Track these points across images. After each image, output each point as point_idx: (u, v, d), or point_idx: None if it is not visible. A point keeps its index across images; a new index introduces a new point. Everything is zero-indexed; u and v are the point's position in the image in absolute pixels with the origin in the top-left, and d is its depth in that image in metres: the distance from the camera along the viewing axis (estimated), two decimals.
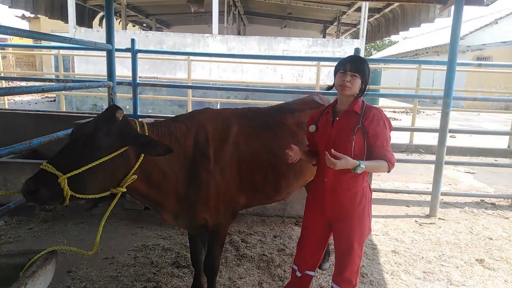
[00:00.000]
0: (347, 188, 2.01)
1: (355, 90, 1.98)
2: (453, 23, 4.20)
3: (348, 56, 2.05)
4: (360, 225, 2.03)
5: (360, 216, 2.03)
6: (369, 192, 2.09)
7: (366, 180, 2.07)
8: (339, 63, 2.02)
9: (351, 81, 1.95)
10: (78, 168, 1.71)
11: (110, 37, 3.97)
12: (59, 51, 8.91)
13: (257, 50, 10.88)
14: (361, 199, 2.02)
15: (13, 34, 2.54)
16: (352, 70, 1.95)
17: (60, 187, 1.67)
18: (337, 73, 2.01)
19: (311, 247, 2.18)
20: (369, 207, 2.08)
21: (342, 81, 1.96)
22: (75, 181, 1.71)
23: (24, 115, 5.21)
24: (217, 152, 2.24)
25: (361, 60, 2.01)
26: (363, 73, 1.96)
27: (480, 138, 9.09)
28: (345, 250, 2.05)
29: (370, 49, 42.52)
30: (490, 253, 3.48)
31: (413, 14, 9.84)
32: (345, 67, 1.97)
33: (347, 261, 2.05)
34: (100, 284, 2.74)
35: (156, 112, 10.38)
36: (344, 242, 2.05)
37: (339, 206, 2.03)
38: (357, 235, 2.03)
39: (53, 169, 1.68)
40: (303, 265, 2.21)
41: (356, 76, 1.95)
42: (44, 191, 1.65)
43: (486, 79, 16.68)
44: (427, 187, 5.33)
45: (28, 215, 3.86)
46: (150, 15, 16.37)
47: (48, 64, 20.89)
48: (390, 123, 2.02)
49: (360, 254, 2.07)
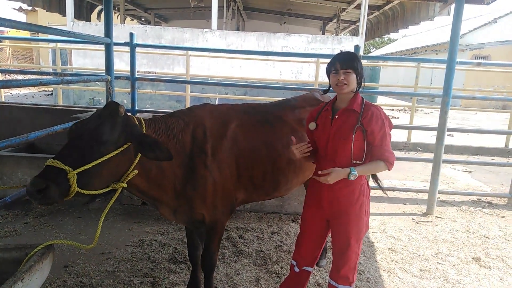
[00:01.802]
0: (345, 185, 2.00)
1: (352, 86, 1.97)
2: (454, 21, 4.19)
3: (335, 55, 2.02)
4: (357, 222, 2.03)
5: (358, 213, 2.03)
6: (367, 189, 2.09)
7: (364, 177, 2.07)
8: (329, 64, 2.01)
9: (346, 78, 1.94)
10: (87, 163, 1.68)
11: (108, 31, 3.94)
12: (57, 44, 8.84)
13: (256, 46, 10.84)
14: (359, 196, 2.02)
15: (11, 27, 2.50)
16: (343, 68, 1.95)
17: (69, 183, 1.63)
18: (330, 75, 2.01)
19: (310, 242, 2.19)
20: (367, 204, 2.08)
21: (337, 81, 1.96)
22: (82, 177, 1.67)
23: (21, 109, 5.17)
24: (215, 147, 2.23)
25: (350, 56, 1.99)
26: (355, 68, 1.95)
27: (477, 137, 9.12)
28: (342, 246, 2.06)
29: (369, 47, 42.50)
30: (486, 252, 3.49)
31: (413, 12, 9.85)
32: (335, 66, 1.97)
33: (344, 257, 2.05)
34: (97, 279, 2.74)
35: (154, 107, 10.33)
36: (341, 239, 2.06)
37: (337, 202, 2.03)
38: (355, 232, 2.03)
39: (62, 165, 1.64)
40: (301, 261, 2.21)
41: (349, 72, 1.94)
42: (54, 188, 1.59)
43: (485, 78, 16.71)
44: (424, 185, 5.34)
45: (25, 209, 3.84)
46: (148, 9, 16.28)
47: (46, 58, 20.75)
48: (390, 121, 2.01)
49: (357, 251, 2.07)
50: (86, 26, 10.84)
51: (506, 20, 19.80)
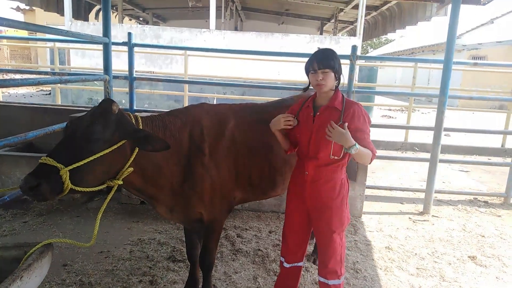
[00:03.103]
0: (327, 180, 2.06)
1: (330, 85, 2.01)
2: (450, 21, 4.22)
3: (313, 54, 2.04)
4: (339, 215, 2.08)
5: (339, 206, 2.08)
6: (346, 183, 2.14)
7: (344, 172, 2.12)
8: (307, 63, 2.04)
9: (324, 78, 1.97)
10: (79, 160, 1.71)
11: (106, 31, 3.95)
12: (55, 44, 8.81)
13: (254, 46, 10.84)
14: (340, 189, 2.08)
15: (9, 26, 2.50)
16: (321, 68, 1.97)
17: (61, 180, 1.66)
18: (309, 74, 2.03)
19: (295, 237, 2.22)
20: (347, 197, 2.14)
21: (316, 80, 1.99)
22: (75, 174, 1.70)
23: (19, 108, 5.17)
24: (213, 146, 2.24)
25: (327, 54, 2.01)
26: (332, 66, 1.97)
27: (474, 137, 9.16)
28: (326, 241, 2.10)
29: (366, 47, 42.54)
30: (482, 250, 3.52)
31: (410, 12, 9.88)
32: (313, 66, 1.99)
33: (329, 252, 2.09)
34: (95, 278, 2.75)
35: (152, 107, 10.33)
36: (324, 233, 2.10)
37: (319, 197, 2.08)
38: (337, 225, 2.08)
39: (54, 162, 1.67)
40: (289, 257, 2.25)
41: (327, 72, 1.97)
42: (46, 185, 1.63)
43: (481, 79, 16.75)
44: (421, 185, 5.37)
45: (23, 209, 3.84)
46: (147, 9, 16.24)
47: (43, 57, 20.70)
48: (369, 118, 2.06)
49: (341, 243, 2.11)
50: (84, 26, 10.82)
51: (503, 20, 19.88)
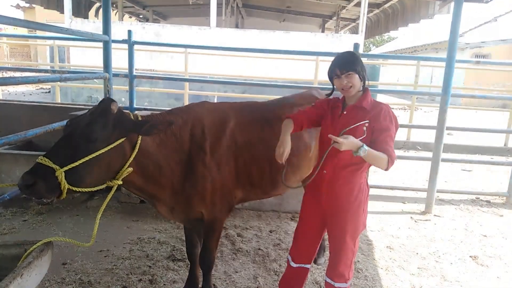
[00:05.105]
0: (345, 183, 2.00)
1: (357, 87, 1.97)
2: (453, 19, 4.18)
3: (334, 60, 2.01)
4: (354, 220, 2.03)
5: (355, 211, 2.02)
6: (366, 188, 2.08)
7: (364, 176, 2.06)
8: (329, 70, 2.01)
9: (350, 81, 1.94)
10: (75, 161, 1.70)
11: (107, 28, 3.92)
12: (55, 41, 8.79)
13: (255, 43, 10.80)
14: (358, 194, 2.02)
15: (8, 24, 2.48)
16: (344, 72, 1.94)
17: (57, 180, 1.66)
18: (333, 80, 2.02)
19: (307, 238, 2.19)
20: (365, 203, 2.07)
21: (341, 85, 1.96)
22: (72, 174, 1.69)
23: (19, 106, 5.16)
24: (214, 145, 2.22)
25: (348, 59, 1.98)
26: (354, 69, 1.94)
27: (477, 135, 9.12)
28: (338, 244, 2.06)
29: (369, 45, 42.43)
30: (484, 250, 3.50)
31: (413, 10, 9.83)
32: (336, 72, 1.97)
33: (340, 255, 2.06)
34: (95, 277, 2.74)
35: (153, 105, 10.29)
36: (338, 236, 2.06)
37: (335, 199, 2.03)
38: (351, 229, 2.03)
39: (50, 163, 1.67)
40: (297, 257, 2.22)
41: (351, 74, 1.94)
42: (41, 184, 1.64)
43: (484, 77, 16.67)
44: (423, 184, 5.35)
45: (23, 207, 3.83)
46: (147, 6, 16.21)
47: (43, 55, 20.69)
48: (396, 121, 1.98)
49: (354, 248, 2.07)
50: (84, 24, 10.79)
51: (506, 18, 19.76)
